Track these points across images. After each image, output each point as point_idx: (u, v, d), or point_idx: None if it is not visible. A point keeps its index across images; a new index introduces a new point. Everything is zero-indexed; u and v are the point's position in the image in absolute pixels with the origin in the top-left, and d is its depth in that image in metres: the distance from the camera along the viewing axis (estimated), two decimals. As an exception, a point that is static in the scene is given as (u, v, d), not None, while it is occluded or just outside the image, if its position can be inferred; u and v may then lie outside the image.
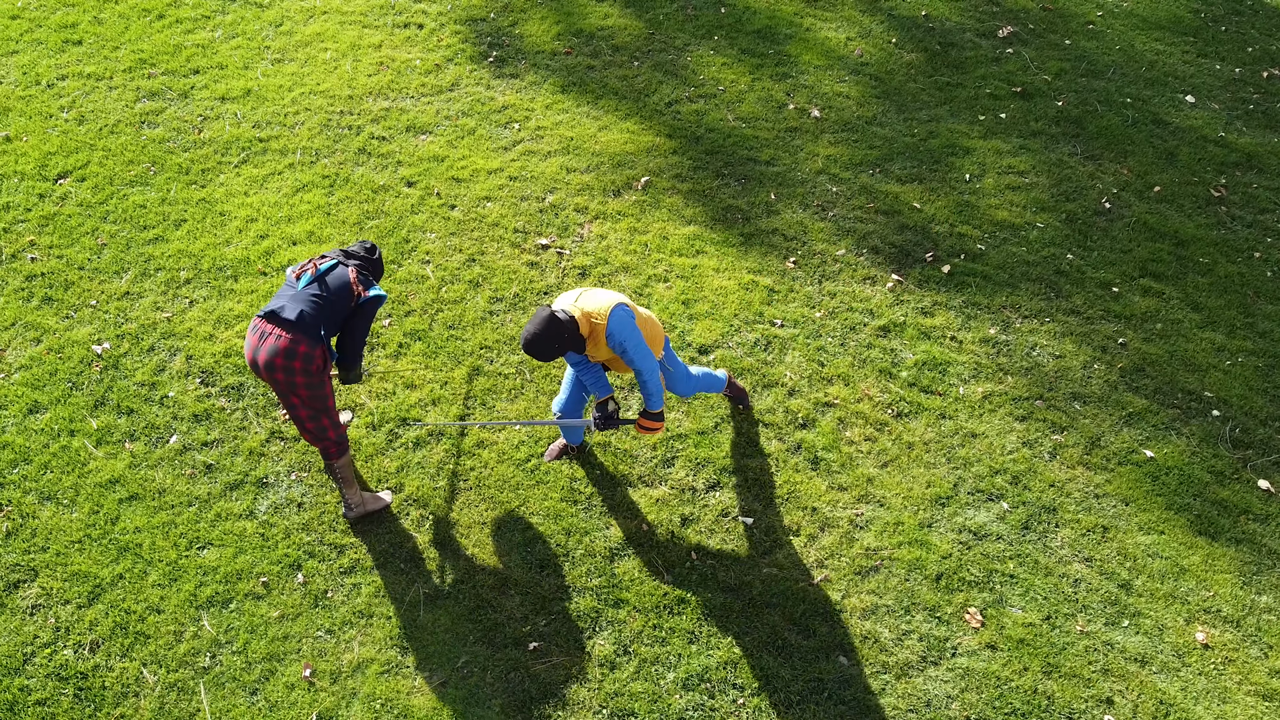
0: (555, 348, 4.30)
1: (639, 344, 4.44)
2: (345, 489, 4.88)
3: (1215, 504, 5.27)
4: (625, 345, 4.41)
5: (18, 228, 6.46)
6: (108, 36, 8.00)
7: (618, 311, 4.40)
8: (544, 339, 4.27)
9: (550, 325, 4.28)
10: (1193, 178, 7.18)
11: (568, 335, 4.33)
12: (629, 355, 4.45)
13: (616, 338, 4.40)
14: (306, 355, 4.37)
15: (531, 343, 4.28)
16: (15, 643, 4.57)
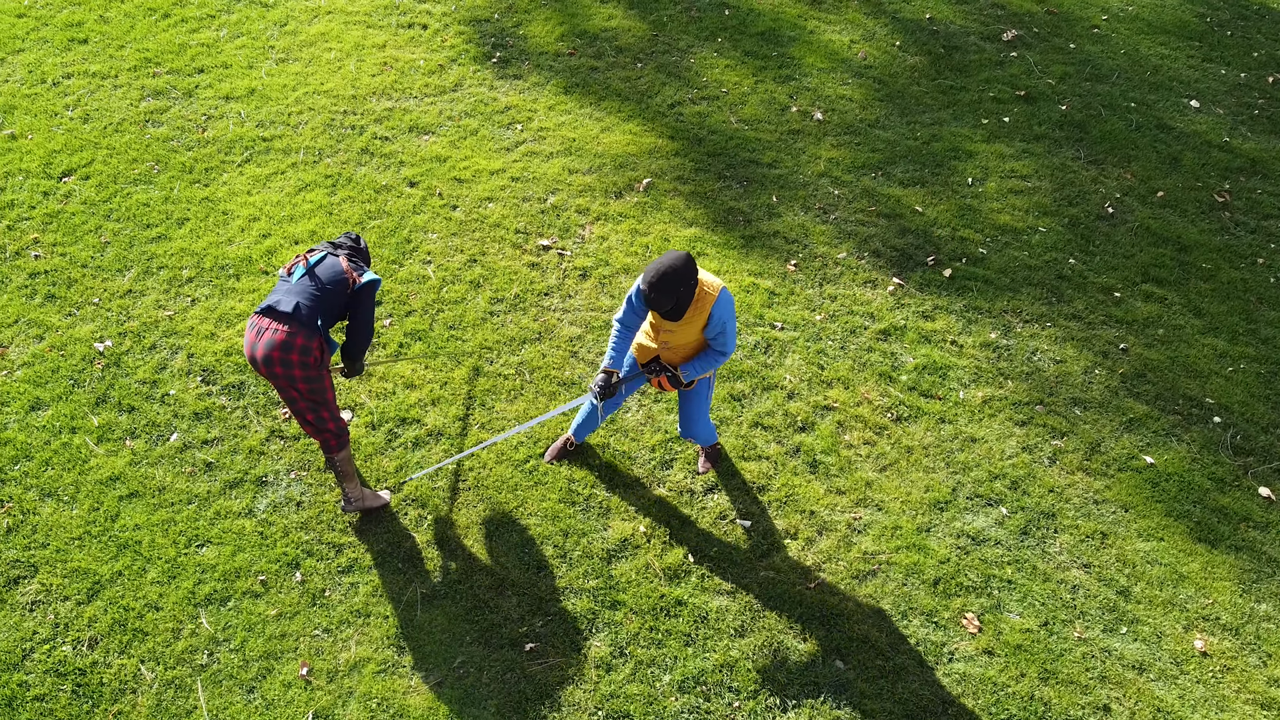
0: (681, 290, 4.20)
1: (735, 327, 4.45)
2: (345, 483, 4.89)
3: (1215, 511, 5.25)
4: (727, 323, 4.39)
5: (22, 225, 6.48)
6: (113, 35, 8.03)
7: (728, 292, 4.40)
8: (677, 276, 4.15)
9: (688, 265, 4.18)
10: (1196, 183, 7.17)
11: (693, 284, 4.24)
12: (724, 334, 4.42)
13: (721, 315, 4.37)
14: (304, 347, 4.36)
15: (664, 276, 4.14)
16: (15, 638, 4.58)
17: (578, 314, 6.07)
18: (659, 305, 4.23)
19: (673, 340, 4.58)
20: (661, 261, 4.19)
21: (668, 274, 4.16)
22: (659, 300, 4.20)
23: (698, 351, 4.65)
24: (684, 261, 4.19)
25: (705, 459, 5.34)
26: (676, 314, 4.37)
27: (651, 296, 4.22)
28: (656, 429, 5.49)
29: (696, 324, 4.47)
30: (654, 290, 4.19)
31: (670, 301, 4.23)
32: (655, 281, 4.17)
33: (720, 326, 4.43)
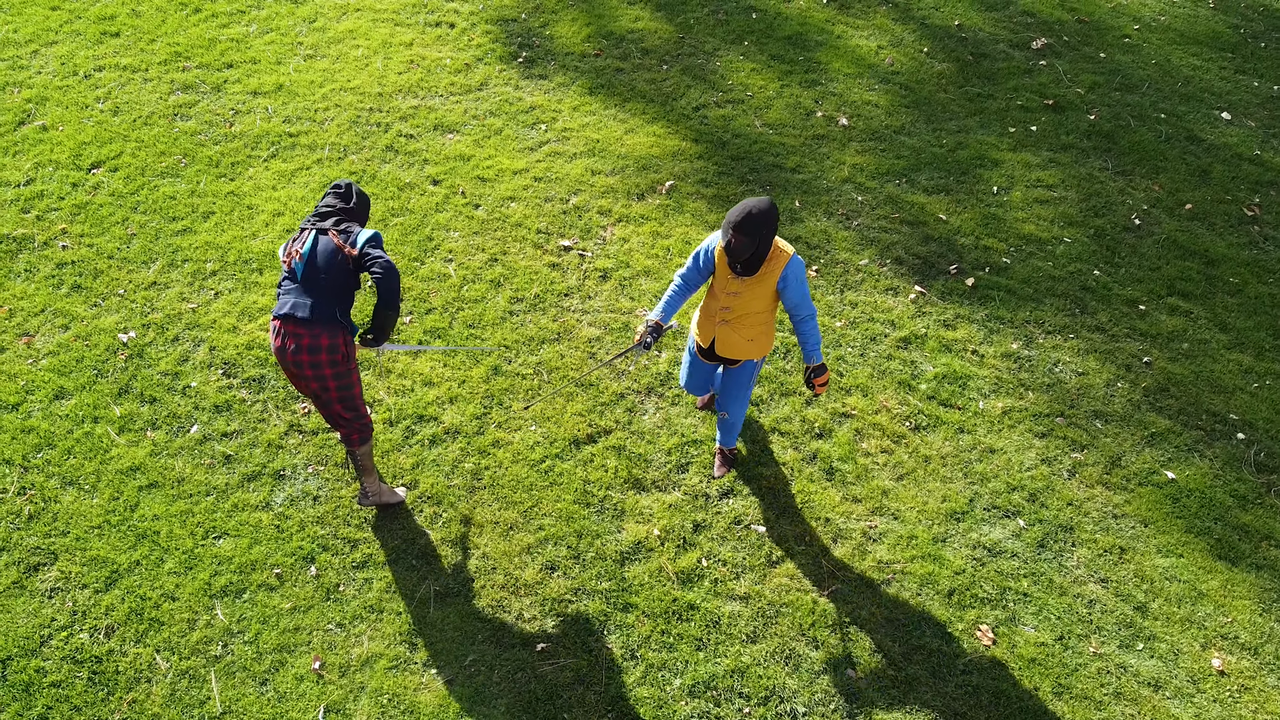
0: (764, 233, 4.14)
1: (808, 291, 4.39)
2: (364, 476, 4.91)
3: (1237, 528, 5.19)
4: (803, 283, 4.35)
5: (51, 215, 6.56)
6: (145, 29, 8.11)
7: (800, 259, 4.38)
8: (764, 218, 4.11)
9: (774, 210, 4.16)
10: (1225, 196, 7.08)
11: (774, 231, 4.19)
12: (805, 295, 4.36)
13: (797, 275, 4.32)
14: (330, 346, 4.38)
15: (750, 216, 4.09)
16: (33, 625, 4.64)
17: (597, 315, 6.07)
18: (740, 251, 4.15)
19: (737, 306, 4.45)
20: (747, 203, 4.11)
21: (755, 215, 4.09)
22: (742, 244, 4.12)
23: (761, 327, 4.55)
24: (770, 205, 4.15)
25: (722, 462, 5.32)
26: (753, 265, 4.28)
27: (735, 239, 4.13)
28: (673, 432, 5.48)
29: (766, 285, 4.36)
30: (740, 231, 4.10)
31: (753, 247, 4.15)
32: (742, 221, 4.09)
33: (799, 288, 4.35)
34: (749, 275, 4.33)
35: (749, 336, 4.59)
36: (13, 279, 6.16)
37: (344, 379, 4.52)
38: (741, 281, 4.38)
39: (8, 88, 7.49)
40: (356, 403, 4.65)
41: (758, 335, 4.60)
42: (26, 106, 7.34)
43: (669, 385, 5.72)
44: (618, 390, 5.67)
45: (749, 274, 4.32)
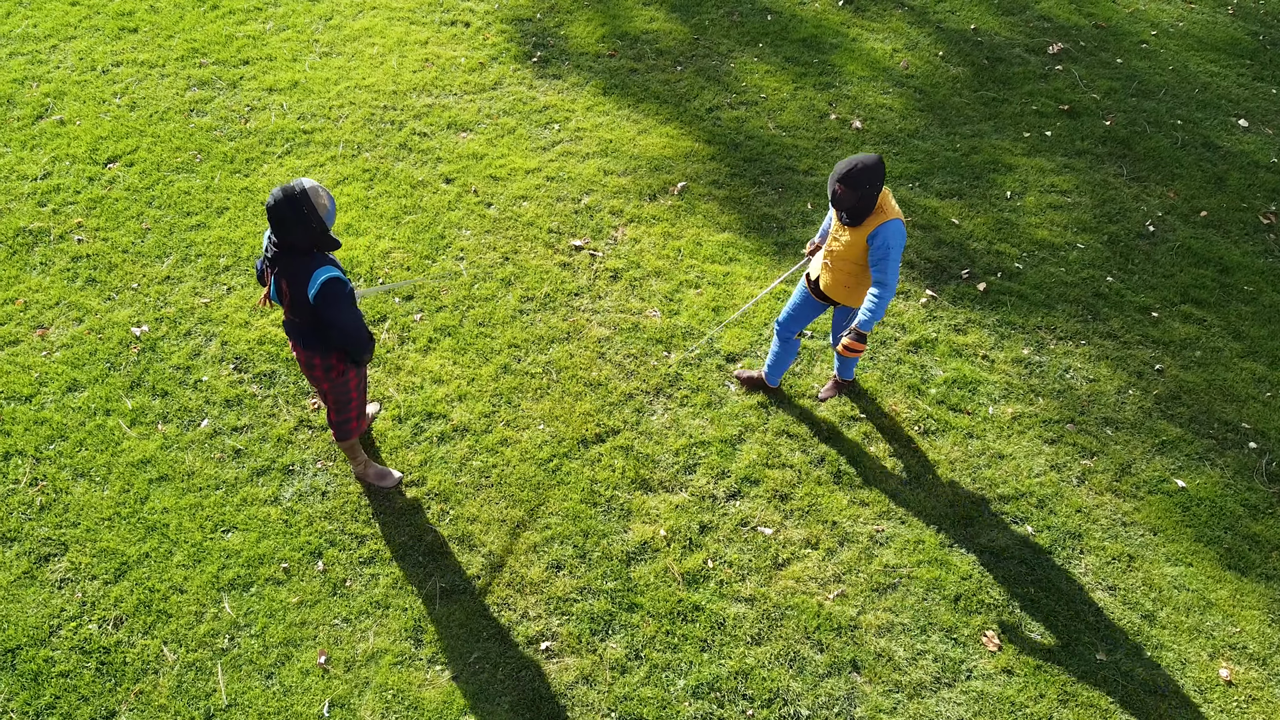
0: (867, 188, 4.46)
1: (898, 258, 4.58)
2: (352, 461, 5.08)
3: (1247, 538, 5.15)
4: (891, 250, 4.55)
5: (67, 209, 6.61)
6: (162, 25, 8.17)
7: (901, 222, 4.60)
8: (867, 172, 4.42)
9: (879, 166, 4.44)
10: (1241, 203, 7.04)
11: (876, 189, 4.47)
12: (887, 260, 4.56)
13: (888, 239, 4.54)
14: (324, 365, 4.53)
15: (853, 169, 4.42)
16: (43, 614, 4.67)
17: (607, 315, 6.08)
18: (843, 201, 4.50)
19: (839, 252, 4.77)
20: (855, 157, 4.46)
21: (858, 168, 4.42)
22: (845, 195, 4.47)
23: (855, 277, 4.83)
24: (876, 161, 4.44)
25: (832, 386, 5.65)
26: (857, 216, 4.59)
27: (838, 189, 4.49)
28: (681, 433, 5.48)
29: (862, 236, 4.64)
30: (842, 182, 4.45)
31: (854, 199, 4.48)
32: (845, 173, 4.44)
33: (884, 251, 4.57)
34: (853, 225, 4.65)
35: (845, 284, 4.89)
36: (29, 272, 6.21)
37: (340, 388, 4.64)
38: (846, 230, 4.71)
39: (27, 82, 7.55)
40: (349, 409, 4.75)
41: (854, 285, 4.88)
42: (45, 101, 7.40)
43: (678, 386, 5.72)
44: (626, 390, 5.68)
45: (853, 224, 4.64)
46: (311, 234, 4.04)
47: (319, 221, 4.02)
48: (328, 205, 4.03)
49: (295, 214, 3.97)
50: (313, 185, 4.00)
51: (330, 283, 4.10)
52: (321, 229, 4.04)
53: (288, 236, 4.03)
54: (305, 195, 3.96)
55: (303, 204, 3.96)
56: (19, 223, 6.49)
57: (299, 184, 3.98)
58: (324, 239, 4.10)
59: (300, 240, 4.05)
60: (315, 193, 3.99)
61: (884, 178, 4.59)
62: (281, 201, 3.95)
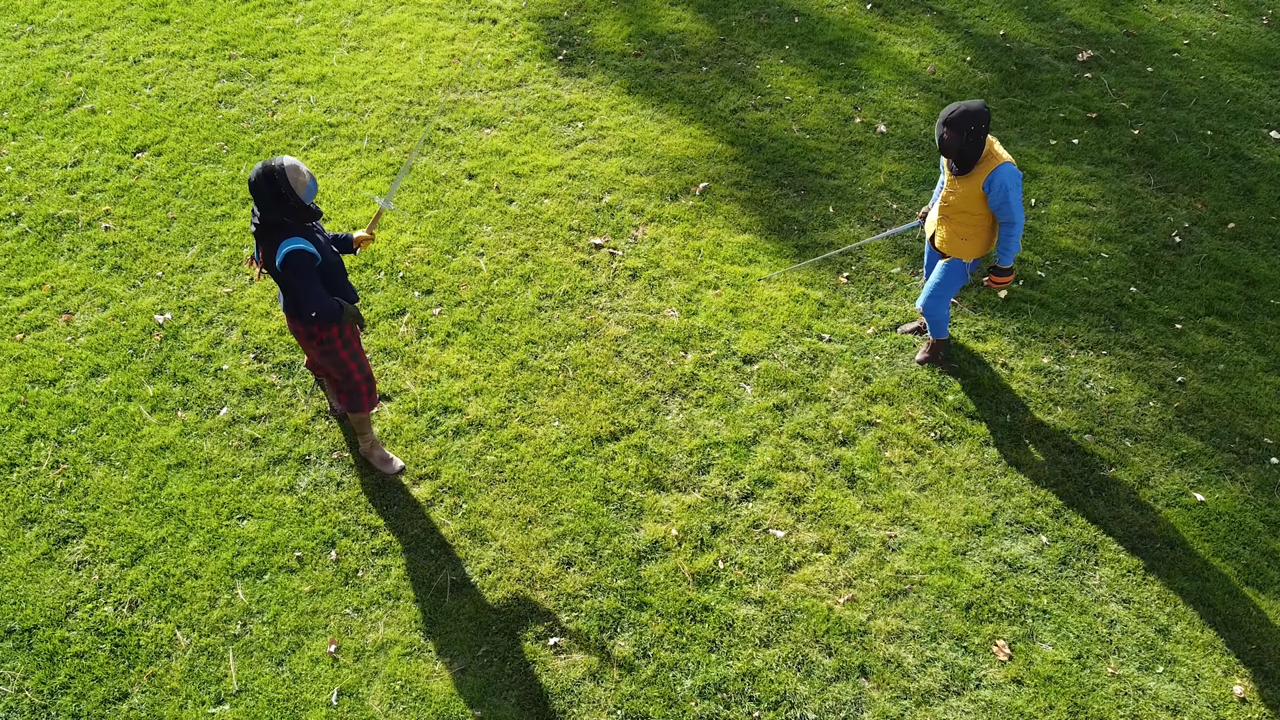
0: (972, 130, 4.68)
1: (1018, 198, 4.84)
2: (360, 436, 5.13)
3: (1266, 554, 5.09)
4: (1009, 191, 4.81)
5: (95, 197, 6.70)
6: (194, 17, 8.26)
7: (1013, 165, 4.82)
8: (970, 115, 4.64)
9: (982, 111, 4.66)
10: (1270, 216, 6.95)
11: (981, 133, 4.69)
12: (1008, 203, 4.83)
13: (1004, 181, 4.79)
14: (307, 333, 4.62)
15: (959, 112, 4.64)
16: (60, 596, 4.74)
17: (625, 314, 6.09)
18: (948, 146, 4.71)
19: (955, 205, 4.95)
20: (960, 103, 4.69)
21: (963, 113, 4.63)
22: (949, 140, 4.68)
23: (971, 228, 5.05)
24: (981, 107, 4.67)
25: (928, 349, 5.78)
26: (964, 162, 4.80)
27: (944, 134, 4.70)
28: (695, 433, 5.48)
29: (975, 185, 4.85)
30: (946, 126, 4.66)
31: (959, 143, 4.69)
32: (949, 118, 4.65)
33: (1003, 195, 4.83)
34: (963, 173, 4.86)
35: (962, 235, 5.12)
36: (56, 258, 6.29)
37: (332, 355, 4.72)
38: (956, 180, 4.92)
39: (60, 71, 7.66)
40: (354, 379, 4.83)
41: (970, 236, 5.11)
42: (77, 90, 7.50)
43: (693, 386, 5.72)
44: (642, 389, 5.68)
45: (963, 171, 4.85)
46: (288, 210, 4.22)
47: (296, 199, 4.19)
48: (307, 183, 4.20)
49: (273, 191, 4.16)
50: (293, 163, 4.18)
51: (292, 254, 4.28)
52: (299, 205, 4.22)
53: (266, 212, 4.24)
54: (284, 173, 4.14)
55: (281, 182, 4.14)
56: (48, 209, 6.58)
57: (279, 162, 4.16)
58: (303, 213, 4.28)
59: (275, 215, 4.25)
60: (295, 170, 4.16)
61: (988, 123, 4.73)
62: (261, 178, 4.15)
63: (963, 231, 5.14)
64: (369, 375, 4.91)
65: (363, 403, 4.94)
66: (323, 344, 4.66)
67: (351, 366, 4.79)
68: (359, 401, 4.94)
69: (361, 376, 4.86)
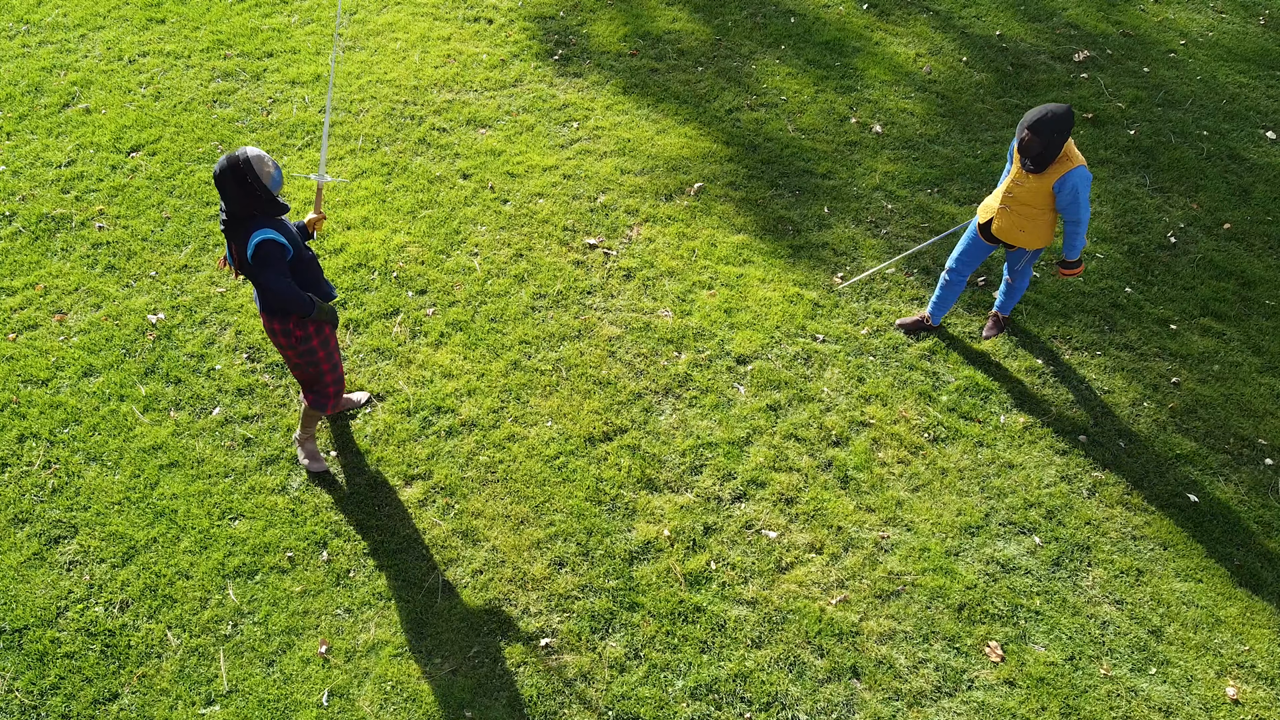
0: (1056, 137, 4.79)
1: (1087, 200, 5.00)
2: (302, 425, 5.13)
3: (1260, 555, 5.08)
4: (1080, 193, 4.94)
5: (89, 196, 6.69)
6: (189, 16, 8.25)
7: (1086, 168, 4.94)
8: (1057, 121, 4.75)
9: (1068, 117, 4.77)
10: (1266, 216, 6.94)
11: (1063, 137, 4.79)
12: (1076, 203, 4.97)
13: (1076, 183, 4.92)
14: (283, 330, 4.58)
15: (1043, 118, 4.75)
16: (51, 596, 4.73)
17: (618, 314, 6.08)
18: (1030, 148, 4.82)
19: (1019, 196, 5.11)
20: (1046, 106, 4.79)
21: (1048, 118, 4.75)
22: (1032, 141, 4.79)
23: (1032, 221, 5.20)
24: (1066, 111, 4.77)
25: (993, 324, 5.96)
26: (1041, 163, 4.91)
27: (1027, 136, 4.81)
28: (689, 434, 5.48)
29: (1046, 184, 4.99)
30: (1032, 131, 4.78)
31: (1041, 146, 4.81)
32: (1035, 122, 4.76)
33: (1074, 195, 4.97)
34: (1037, 172, 4.98)
35: (1021, 227, 5.27)
36: (49, 257, 6.29)
37: (306, 356, 4.68)
38: (1028, 176, 5.05)
39: (55, 70, 7.65)
40: (321, 369, 4.75)
41: (1029, 228, 5.26)
42: (72, 89, 7.50)
43: (687, 386, 5.71)
44: (635, 390, 5.68)
45: (1037, 171, 4.97)
46: (256, 201, 4.17)
47: (264, 189, 4.15)
48: (272, 173, 4.16)
49: (239, 182, 4.11)
50: (257, 154, 4.13)
51: (262, 244, 4.24)
52: (267, 196, 4.18)
53: (232, 204, 4.18)
54: (249, 163, 4.10)
55: (246, 172, 4.10)
56: (42, 209, 6.57)
57: (243, 152, 4.12)
58: (271, 205, 4.23)
59: (242, 208, 4.19)
60: (260, 160, 4.12)
61: (1071, 128, 4.83)
62: (226, 170, 4.11)
63: (1023, 225, 5.28)
64: (340, 378, 4.89)
65: (326, 405, 4.94)
66: (299, 342, 4.62)
67: (325, 367, 4.76)
68: (323, 402, 4.94)
69: (332, 379, 4.85)
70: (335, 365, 4.82)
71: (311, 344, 4.65)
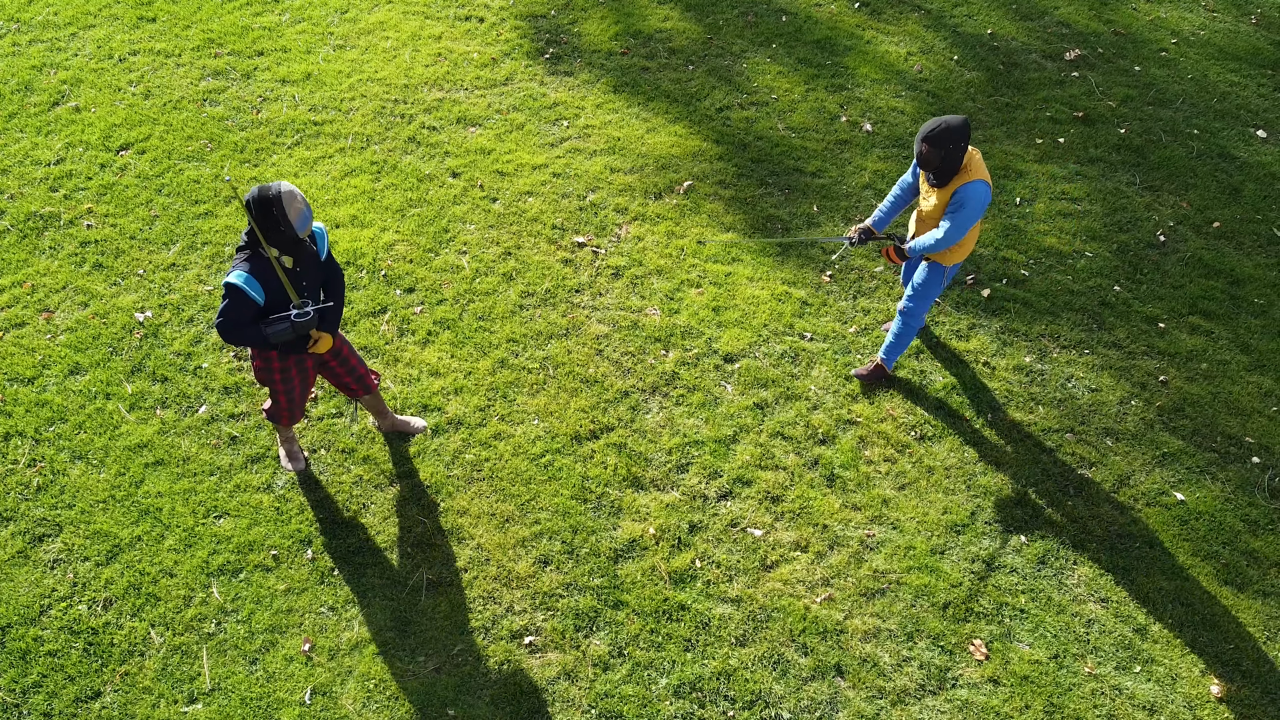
0: (951, 148, 4.64)
1: (968, 219, 4.78)
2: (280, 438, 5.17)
3: (1245, 554, 5.07)
4: (964, 206, 4.74)
5: (78, 195, 6.69)
6: (180, 15, 8.24)
7: (986, 185, 4.76)
8: (951, 132, 4.60)
9: (964, 128, 4.62)
10: (1256, 215, 6.93)
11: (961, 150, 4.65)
12: (955, 216, 4.77)
13: (964, 197, 4.74)
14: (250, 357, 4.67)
15: (940, 128, 4.59)
16: (34, 594, 4.72)
17: (606, 312, 6.07)
18: (929, 160, 4.67)
19: (926, 212, 4.97)
20: (940, 118, 4.64)
21: (942, 129, 4.59)
22: (930, 154, 4.64)
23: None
24: (961, 122, 4.62)
25: (870, 368, 5.63)
26: (943, 176, 4.77)
27: (924, 149, 4.66)
28: (675, 432, 5.47)
29: (947, 192, 4.82)
30: (928, 143, 4.62)
31: (939, 159, 4.65)
32: (930, 134, 4.61)
33: (958, 205, 4.77)
34: (940, 186, 4.84)
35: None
36: (38, 255, 6.28)
37: (264, 373, 4.63)
38: (932, 190, 4.92)
39: (45, 69, 7.64)
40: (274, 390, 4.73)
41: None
42: (62, 88, 7.49)
43: (674, 385, 5.70)
44: (622, 388, 5.67)
45: (940, 185, 4.83)
46: (278, 236, 4.13)
47: (288, 225, 4.09)
48: (302, 209, 4.11)
49: (264, 213, 4.07)
50: (289, 189, 4.08)
51: (227, 286, 4.19)
52: (291, 235, 4.13)
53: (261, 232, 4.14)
54: (279, 198, 4.05)
55: (274, 205, 4.06)
56: (30, 207, 6.57)
57: (276, 186, 4.07)
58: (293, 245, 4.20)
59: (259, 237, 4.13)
60: (291, 196, 4.07)
61: (969, 138, 4.69)
62: (255, 199, 4.08)
63: None
64: (294, 404, 4.80)
65: (279, 418, 4.91)
66: (260, 371, 4.64)
67: (280, 389, 4.70)
68: (275, 415, 4.92)
69: (285, 402, 4.78)
70: (290, 391, 4.72)
71: (272, 366, 4.61)
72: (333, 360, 4.76)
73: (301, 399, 4.80)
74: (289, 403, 4.79)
